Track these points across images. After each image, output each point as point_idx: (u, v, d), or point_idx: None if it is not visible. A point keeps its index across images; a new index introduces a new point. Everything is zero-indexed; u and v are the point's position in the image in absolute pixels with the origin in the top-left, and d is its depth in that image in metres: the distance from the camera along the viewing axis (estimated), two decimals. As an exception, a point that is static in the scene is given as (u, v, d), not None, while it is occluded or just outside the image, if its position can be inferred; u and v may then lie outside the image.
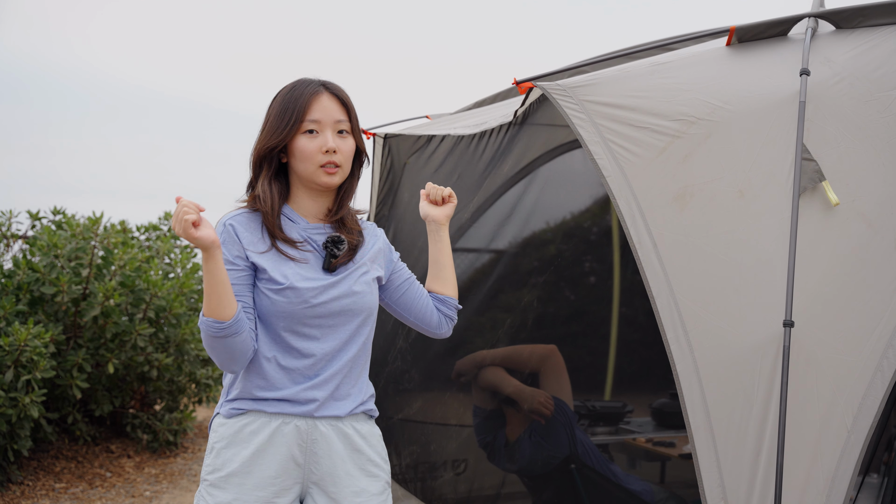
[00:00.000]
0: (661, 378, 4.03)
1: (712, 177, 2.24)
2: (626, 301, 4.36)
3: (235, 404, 1.88)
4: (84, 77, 25.09)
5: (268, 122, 1.91)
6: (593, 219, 4.20)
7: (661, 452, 3.76)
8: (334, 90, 1.92)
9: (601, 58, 2.76)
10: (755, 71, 2.42)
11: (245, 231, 1.87)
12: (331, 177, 1.89)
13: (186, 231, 1.64)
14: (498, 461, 3.37)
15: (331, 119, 1.89)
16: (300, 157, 1.88)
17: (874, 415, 2.03)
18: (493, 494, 3.44)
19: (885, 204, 2.18)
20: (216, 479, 1.85)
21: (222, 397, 1.94)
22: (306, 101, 1.87)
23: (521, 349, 3.49)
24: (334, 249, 1.90)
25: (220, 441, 1.87)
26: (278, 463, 1.85)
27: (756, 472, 2.03)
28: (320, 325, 1.88)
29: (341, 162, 1.90)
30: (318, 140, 1.87)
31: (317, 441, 1.89)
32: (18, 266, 4.43)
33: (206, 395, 5.34)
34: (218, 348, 1.77)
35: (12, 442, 4.21)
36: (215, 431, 1.90)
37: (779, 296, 2.08)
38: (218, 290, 1.73)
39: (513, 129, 3.37)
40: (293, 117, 1.87)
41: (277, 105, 1.90)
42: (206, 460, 1.90)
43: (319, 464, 1.89)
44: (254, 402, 1.87)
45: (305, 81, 1.91)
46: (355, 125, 1.94)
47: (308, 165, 1.88)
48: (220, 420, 1.90)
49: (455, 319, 2.16)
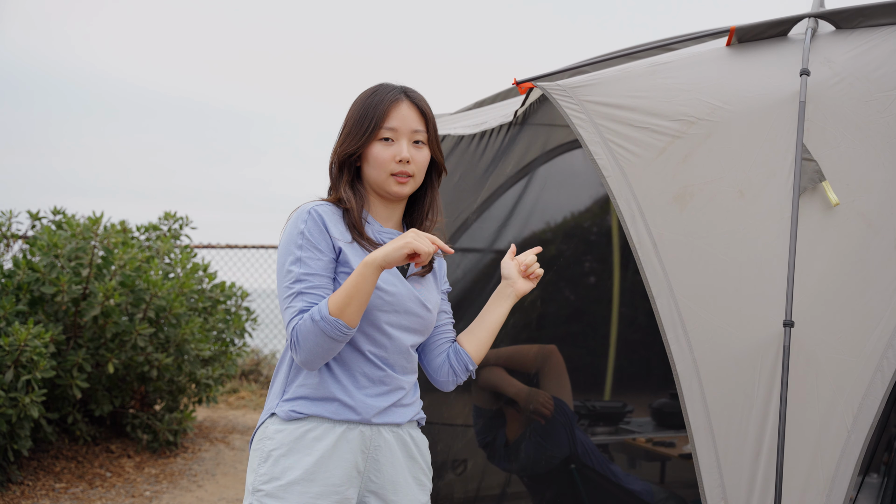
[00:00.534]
0: (661, 378, 4.03)
1: (712, 177, 2.24)
2: (626, 301, 4.36)
3: (295, 405, 1.80)
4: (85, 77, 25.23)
5: (347, 127, 1.87)
6: (593, 219, 4.20)
7: (661, 452, 3.76)
8: (415, 99, 1.87)
9: (601, 58, 2.76)
10: (755, 71, 2.42)
11: (330, 221, 1.82)
12: (401, 186, 1.85)
13: (406, 248, 1.68)
14: (498, 461, 3.37)
15: (408, 128, 1.84)
16: (373, 163, 1.84)
17: (874, 415, 2.03)
18: (498, 494, 3.44)
19: (885, 204, 2.18)
20: (274, 488, 1.75)
21: (275, 398, 1.84)
22: (386, 107, 1.84)
23: (521, 349, 3.49)
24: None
25: (280, 448, 1.78)
26: (343, 470, 1.78)
27: (756, 472, 2.03)
28: (390, 330, 1.83)
29: (414, 172, 1.85)
30: (392, 148, 1.84)
31: (380, 448, 1.83)
32: (18, 266, 4.43)
33: (206, 395, 5.34)
34: (324, 347, 1.71)
35: (12, 442, 4.21)
36: (271, 438, 1.79)
37: (779, 296, 2.08)
38: (364, 300, 1.70)
39: (513, 129, 3.37)
40: (371, 123, 1.83)
41: (357, 110, 1.87)
42: (261, 469, 1.78)
43: (381, 472, 1.83)
44: (315, 406, 1.79)
45: (387, 87, 1.87)
46: (433, 136, 1.89)
47: (380, 173, 1.84)
48: (278, 425, 1.80)
49: (461, 382, 2.02)
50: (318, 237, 1.79)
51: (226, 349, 5.47)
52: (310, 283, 1.77)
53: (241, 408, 6.61)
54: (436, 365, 2.00)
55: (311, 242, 1.78)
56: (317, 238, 1.79)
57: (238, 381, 7.16)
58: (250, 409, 6.60)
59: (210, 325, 5.33)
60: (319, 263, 1.78)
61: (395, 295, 1.83)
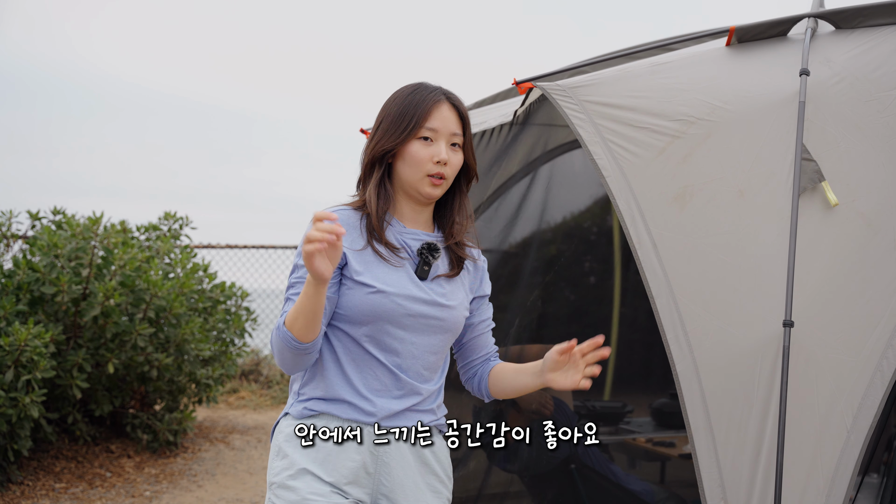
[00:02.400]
0: (661, 378, 4.03)
1: (712, 177, 2.24)
2: (627, 301, 4.35)
3: (308, 405, 1.83)
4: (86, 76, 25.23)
5: (384, 124, 1.85)
6: (593, 219, 4.21)
7: (661, 452, 3.76)
8: (455, 101, 1.87)
9: (601, 58, 2.76)
10: (755, 71, 2.42)
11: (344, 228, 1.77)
12: (434, 188, 1.84)
13: (307, 258, 1.59)
14: (498, 461, 3.37)
15: (447, 130, 1.83)
16: (410, 161, 1.83)
17: (874, 414, 2.03)
18: (498, 493, 3.44)
19: (885, 204, 2.18)
20: (285, 478, 1.78)
21: (292, 398, 1.88)
22: (428, 107, 1.82)
23: (519, 349, 3.49)
24: (429, 256, 1.86)
25: (290, 440, 1.81)
26: (349, 468, 1.79)
27: (756, 472, 2.03)
28: (401, 334, 1.82)
29: (448, 175, 1.84)
30: (431, 148, 1.82)
31: (389, 451, 1.83)
32: (18, 266, 4.43)
33: (206, 395, 5.34)
34: (287, 357, 1.74)
35: (12, 442, 4.21)
36: (282, 432, 1.83)
37: (779, 296, 2.08)
38: (310, 315, 1.68)
39: (513, 129, 3.37)
40: (413, 121, 1.81)
41: (396, 107, 1.85)
42: (274, 463, 1.82)
43: (391, 474, 1.84)
44: (326, 405, 1.82)
45: (428, 87, 1.86)
46: (468, 140, 1.88)
47: (416, 172, 1.82)
48: (289, 420, 1.84)
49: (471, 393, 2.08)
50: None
51: (226, 349, 5.47)
52: (297, 291, 1.77)
53: (241, 408, 6.61)
54: (465, 377, 2.06)
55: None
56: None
57: (238, 381, 7.16)
58: (250, 409, 6.60)
59: (210, 326, 5.33)
60: None
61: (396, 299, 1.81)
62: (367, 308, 1.79)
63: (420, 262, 1.86)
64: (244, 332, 5.59)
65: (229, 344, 5.53)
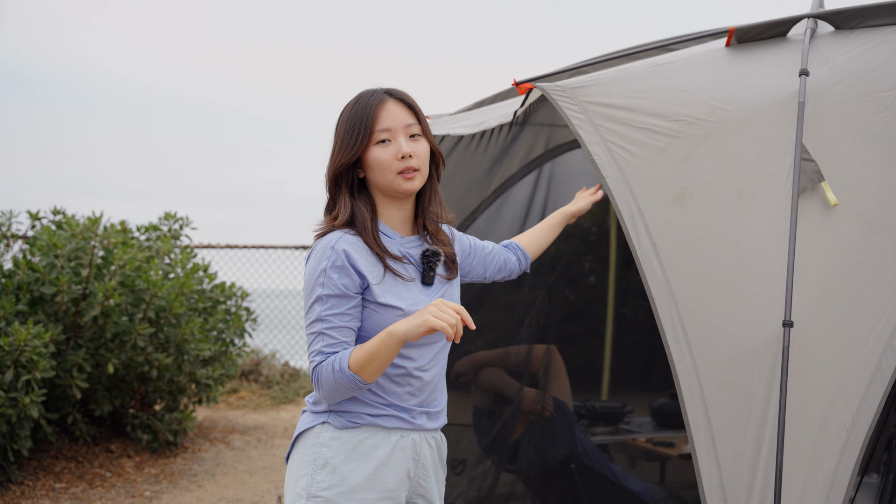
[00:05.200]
0: (661, 378, 4.03)
1: (712, 177, 2.24)
2: (626, 301, 4.36)
3: (350, 417, 1.84)
4: (92, 74, 25.17)
5: (338, 141, 1.86)
6: (593, 219, 4.21)
7: (660, 452, 3.76)
8: (399, 95, 1.88)
9: (601, 58, 2.76)
10: (754, 71, 2.42)
11: (359, 257, 1.80)
12: (411, 182, 1.85)
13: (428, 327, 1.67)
14: (498, 461, 3.38)
15: (401, 124, 1.84)
16: (377, 167, 1.84)
17: (873, 414, 2.03)
18: (498, 494, 3.44)
19: (885, 204, 2.18)
20: (334, 494, 1.80)
21: (320, 407, 1.88)
22: (373, 111, 1.83)
23: (520, 349, 3.49)
24: (433, 262, 1.89)
25: (338, 455, 1.82)
26: (397, 476, 1.85)
27: (756, 471, 2.03)
28: (424, 341, 1.87)
29: (418, 165, 1.85)
30: (391, 148, 1.83)
31: (425, 455, 1.92)
32: (18, 266, 4.43)
33: (206, 395, 5.34)
34: (343, 393, 1.77)
35: (12, 442, 4.21)
36: (327, 446, 1.83)
37: (778, 296, 2.08)
38: (384, 363, 1.73)
39: (513, 129, 3.37)
40: (363, 129, 1.83)
41: (344, 121, 1.86)
42: (318, 476, 1.82)
43: (428, 477, 1.93)
44: (370, 416, 1.84)
45: (368, 92, 1.87)
46: (425, 127, 1.90)
47: (386, 175, 1.84)
48: (333, 433, 1.84)
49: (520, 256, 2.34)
50: (341, 275, 1.78)
51: (226, 349, 5.47)
52: (330, 324, 1.78)
53: (241, 408, 6.62)
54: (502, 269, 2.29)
55: (334, 281, 1.77)
56: (339, 276, 1.78)
57: (238, 381, 7.16)
58: (250, 409, 6.60)
59: (210, 326, 5.33)
60: (341, 302, 1.78)
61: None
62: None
63: (425, 268, 1.88)
64: (244, 332, 5.60)
65: (229, 344, 5.53)
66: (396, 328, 1.71)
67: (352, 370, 1.73)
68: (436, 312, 1.66)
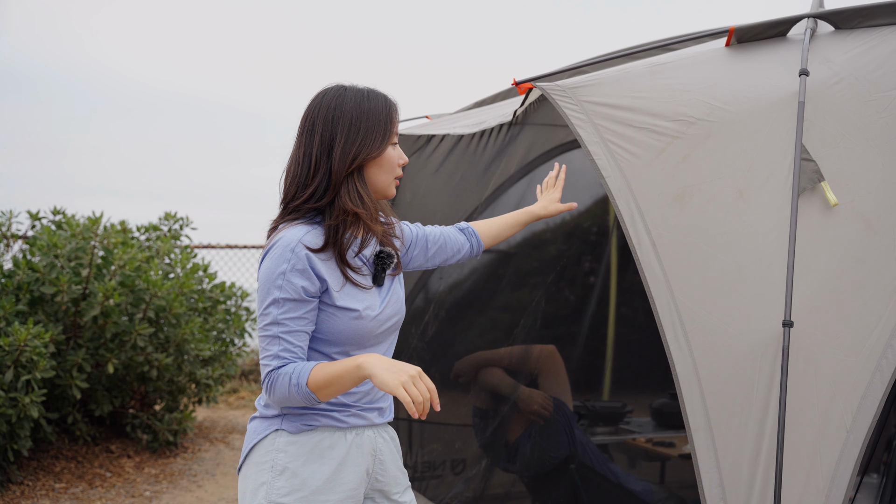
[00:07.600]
0: (661, 378, 4.03)
1: (712, 177, 2.24)
2: (626, 301, 4.36)
3: (305, 420, 1.82)
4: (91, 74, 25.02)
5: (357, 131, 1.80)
6: (593, 219, 4.21)
7: (660, 452, 3.76)
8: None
9: (600, 58, 2.76)
10: (754, 71, 2.42)
11: (320, 262, 1.76)
12: (395, 188, 1.91)
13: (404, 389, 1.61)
14: (498, 461, 3.38)
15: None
16: (386, 166, 1.84)
17: (873, 414, 2.03)
18: (498, 493, 3.44)
19: (885, 204, 2.18)
20: (296, 500, 1.78)
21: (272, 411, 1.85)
22: (394, 112, 1.86)
23: (520, 350, 3.49)
24: (386, 264, 1.89)
25: (296, 460, 1.80)
26: (357, 476, 1.85)
27: (756, 471, 2.03)
28: (379, 340, 1.88)
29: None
30: (397, 152, 1.88)
31: (382, 449, 1.92)
32: (18, 266, 4.43)
33: (205, 395, 5.34)
34: (293, 404, 1.75)
35: (12, 442, 4.21)
36: (284, 451, 1.80)
37: (778, 296, 2.08)
38: (343, 391, 1.72)
39: (513, 128, 3.37)
40: (387, 127, 1.83)
41: (366, 113, 1.81)
42: (277, 482, 1.79)
43: (385, 471, 1.93)
44: (324, 417, 1.83)
45: (379, 92, 1.87)
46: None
47: (388, 176, 1.86)
48: (288, 438, 1.81)
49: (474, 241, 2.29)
50: (299, 279, 1.73)
51: (226, 349, 5.47)
52: (286, 328, 1.73)
53: (240, 408, 6.62)
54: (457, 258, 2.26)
55: (293, 285, 1.72)
56: (298, 280, 1.73)
57: (238, 381, 7.16)
58: (250, 409, 6.60)
59: (210, 326, 5.33)
60: (298, 306, 1.74)
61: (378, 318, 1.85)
62: (350, 332, 1.80)
63: (377, 269, 1.88)
64: (244, 332, 5.60)
65: (229, 344, 5.53)
66: (367, 366, 1.66)
67: (309, 388, 1.69)
68: (408, 386, 1.60)
